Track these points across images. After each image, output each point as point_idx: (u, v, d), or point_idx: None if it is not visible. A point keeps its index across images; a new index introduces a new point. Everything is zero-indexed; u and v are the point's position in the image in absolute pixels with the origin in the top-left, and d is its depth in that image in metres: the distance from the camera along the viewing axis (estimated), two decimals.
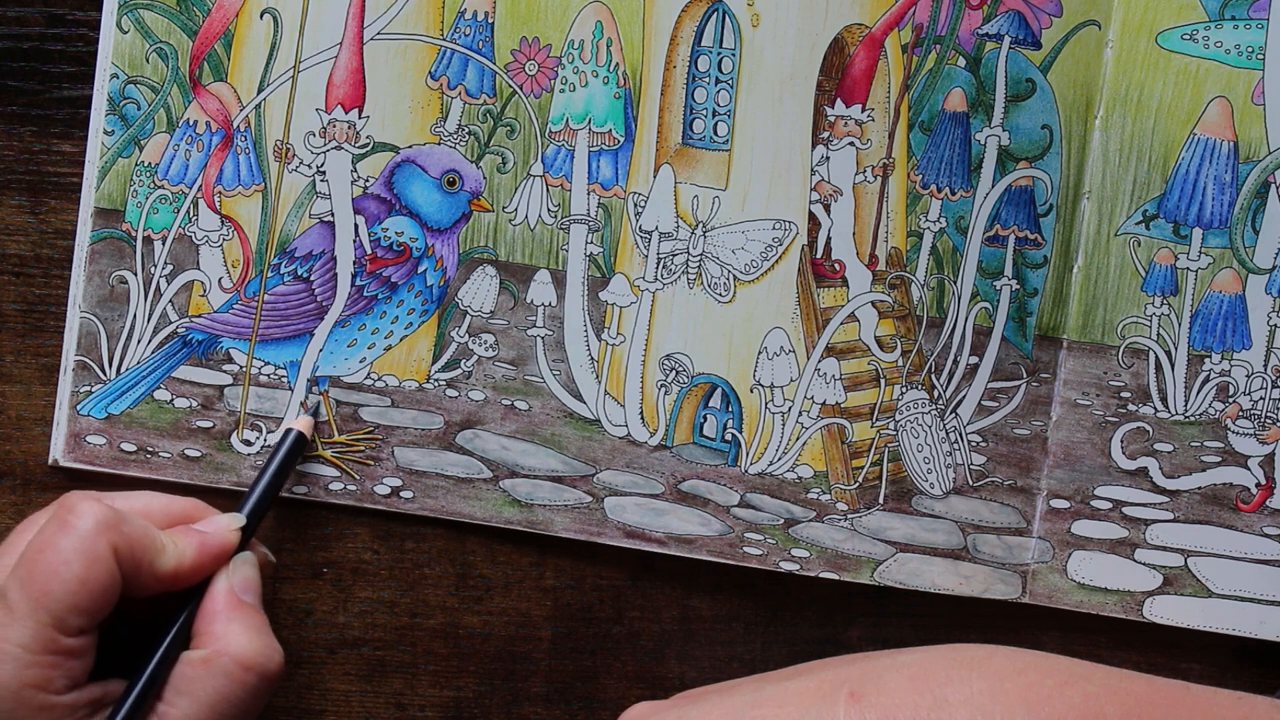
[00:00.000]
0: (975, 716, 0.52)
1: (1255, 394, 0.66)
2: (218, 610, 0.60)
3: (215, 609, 0.60)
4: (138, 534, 0.58)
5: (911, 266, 0.67)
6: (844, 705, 0.53)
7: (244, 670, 0.58)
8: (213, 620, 0.59)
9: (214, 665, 0.58)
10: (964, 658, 0.55)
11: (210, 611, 0.60)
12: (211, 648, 0.59)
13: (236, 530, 0.61)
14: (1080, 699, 0.53)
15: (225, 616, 0.59)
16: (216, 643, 0.59)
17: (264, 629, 0.60)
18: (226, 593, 0.60)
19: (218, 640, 0.59)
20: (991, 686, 0.53)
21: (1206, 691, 0.54)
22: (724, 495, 0.67)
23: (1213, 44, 0.65)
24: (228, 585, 0.60)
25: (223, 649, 0.58)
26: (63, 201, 0.66)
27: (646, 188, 0.66)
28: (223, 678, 0.58)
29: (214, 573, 0.60)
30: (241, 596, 0.60)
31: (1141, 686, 0.54)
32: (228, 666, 0.58)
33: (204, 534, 0.60)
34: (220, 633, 0.59)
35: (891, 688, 0.54)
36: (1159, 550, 0.67)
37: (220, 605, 0.60)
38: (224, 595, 0.60)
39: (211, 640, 0.59)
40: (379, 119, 0.66)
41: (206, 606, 0.60)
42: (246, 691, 0.58)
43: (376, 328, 0.66)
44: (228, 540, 0.61)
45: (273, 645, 0.60)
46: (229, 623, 0.59)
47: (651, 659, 0.68)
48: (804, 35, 0.65)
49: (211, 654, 0.58)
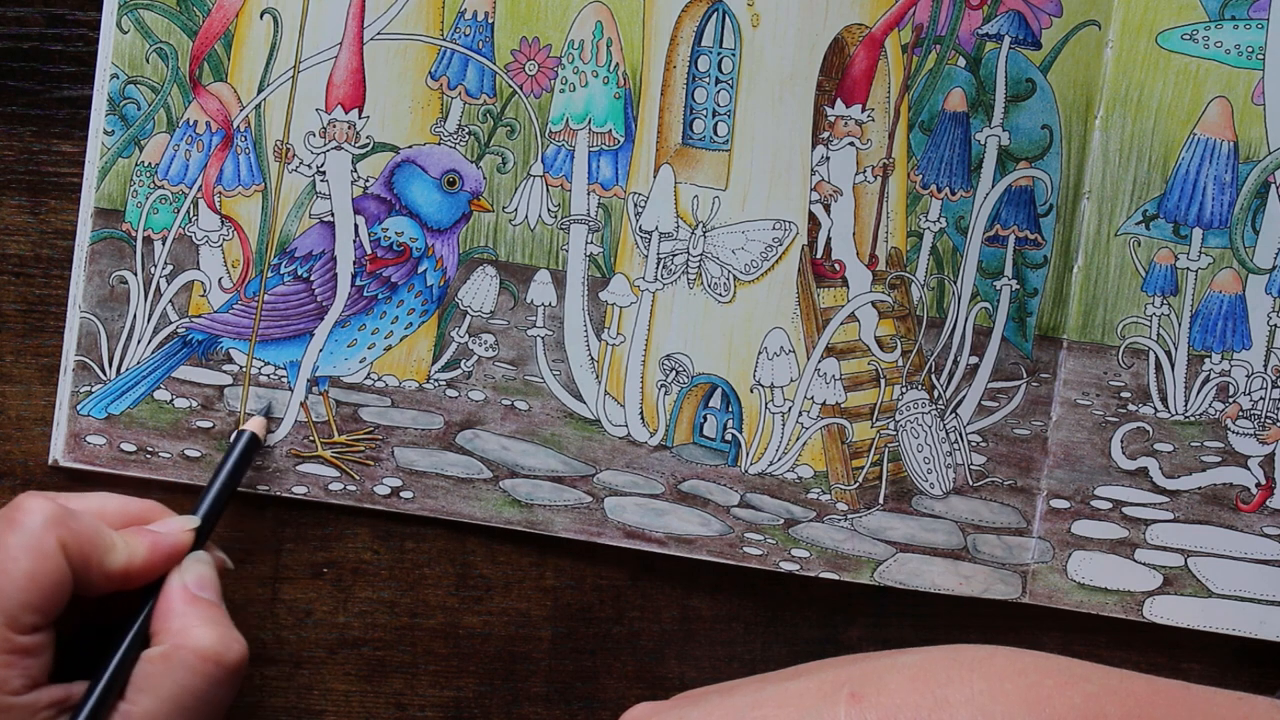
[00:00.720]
0: (976, 716, 0.52)
1: (1255, 394, 0.66)
2: (173, 607, 0.59)
3: (171, 606, 0.59)
4: (87, 531, 0.57)
5: (911, 266, 0.67)
6: (845, 705, 0.53)
7: (203, 661, 0.58)
8: (169, 617, 0.59)
9: (173, 659, 0.58)
10: (965, 658, 0.55)
11: (166, 609, 0.59)
12: (170, 643, 0.58)
13: (190, 531, 0.61)
14: (1081, 699, 0.53)
15: (181, 612, 0.59)
16: (174, 637, 0.58)
17: (222, 621, 0.60)
18: (181, 589, 0.60)
19: (175, 635, 0.58)
20: (992, 687, 0.53)
21: (1207, 692, 0.55)
22: (724, 495, 0.67)
23: (1213, 44, 0.65)
24: (181, 582, 0.60)
25: (181, 642, 0.58)
26: (63, 201, 0.66)
27: (646, 188, 0.66)
28: (183, 670, 0.57)
29: (167, 572, 0.60)
30: (197, 593, 0.60)
31: (1142, 687, 0.54)
32: (187, 659, 0.58)
33: (157, 534, 0.60)
34: (178, 628, 0.59)
35: (892, 688, 0.54)
36: (1159, 550, 0.67)
37: (176, 602, 0.59)
38: (179, 592, 0.60)
39: (169, 636, 0.58)
40: (379, 119, 0.66)
41: (162, 605, 0.59)
42: (208, 683, 0.58)
43: (376, 328, 0.66)
44: (180, 540, 0.60)
45: (232, 635, 0.59)
46: (185, 617, 0.59)
47: (651, 659, 0.68)
48: (804, 35, 0.65)
49: (170, 649, 0.58)
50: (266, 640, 0.67)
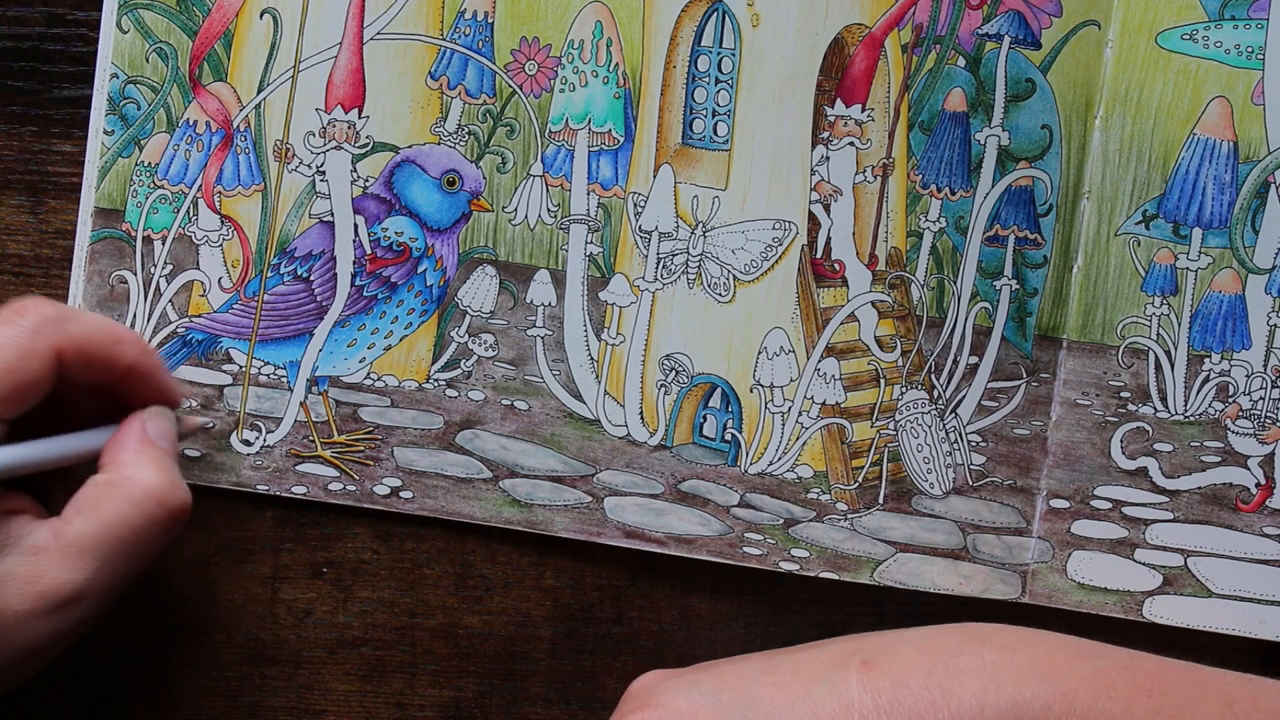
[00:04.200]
0: (987, 685, 0.53)
1: (1255, 394, 0.66)
2: (127, 444, 0.59)
3: (125, 443, 0.59)
4: (93, 327, 0.58)
5: (911, 266, 0.67)
6: (856, 673, 0.54)
7: (146, 496, 0.57)
8: (120, 451, 0.59)
9: (118, 488, 0.57)
10: (975, 632, 0.55)
11: (120, 443, 0.59)
12: (117, 474, 0.58)
13: (178, 394, 0.62)
14: (1091, 672, 0.53)
15: (134, 449, 0.59)
16: (123, 469, 0.58)
17: (172, 469, 0.59)
18: (140, 430, 0.59)
19: (125, 468, 0.58)
20: (1003, 657, 0.54)
21: (1216, 672, 0.55)
22: (724, 495, 0.67)
23: (1212, 44, 0.65)
24: (141, 425, 0.60)
25: (129, 474, 0.58)
26: (63, 201, 0.66)
27: (646, 188, 0.66)
28: (125, 501, 0.57)
29: (139, 401, 0.60)
30: (154, 439, 0.60)
31: (1152, 664, 0.54)
32: (131, 491, 0.57)
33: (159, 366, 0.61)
34: (128, 461, 0.58)
35: (904, 657, 0.54)
36: (1159, 550, 0.67)
37: (130, 440, 0.59)
38: (136, 432, 0.59)
39: (118, 469, 0.58)
40: (379, 119, 0.66)
41: (116, 440, 0.59)
42: (147, 520, 0.57)
43: (376, 328, 0.66)
44: (170, 385, 0.61)
45: (180, 483, 0.59)
46: (137, 455, 0.59)
47: (651, 659, 0.68)
48: (804, 35, 0.65)
49: (117, 478, 0.58)
50: (266, 640, 0.67)
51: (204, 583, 0.67)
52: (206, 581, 0.67)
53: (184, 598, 0.67)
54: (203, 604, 0.67)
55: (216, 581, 0.67)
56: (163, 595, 0.66)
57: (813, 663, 0.55)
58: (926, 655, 0.54)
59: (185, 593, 0.67)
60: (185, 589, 0.67)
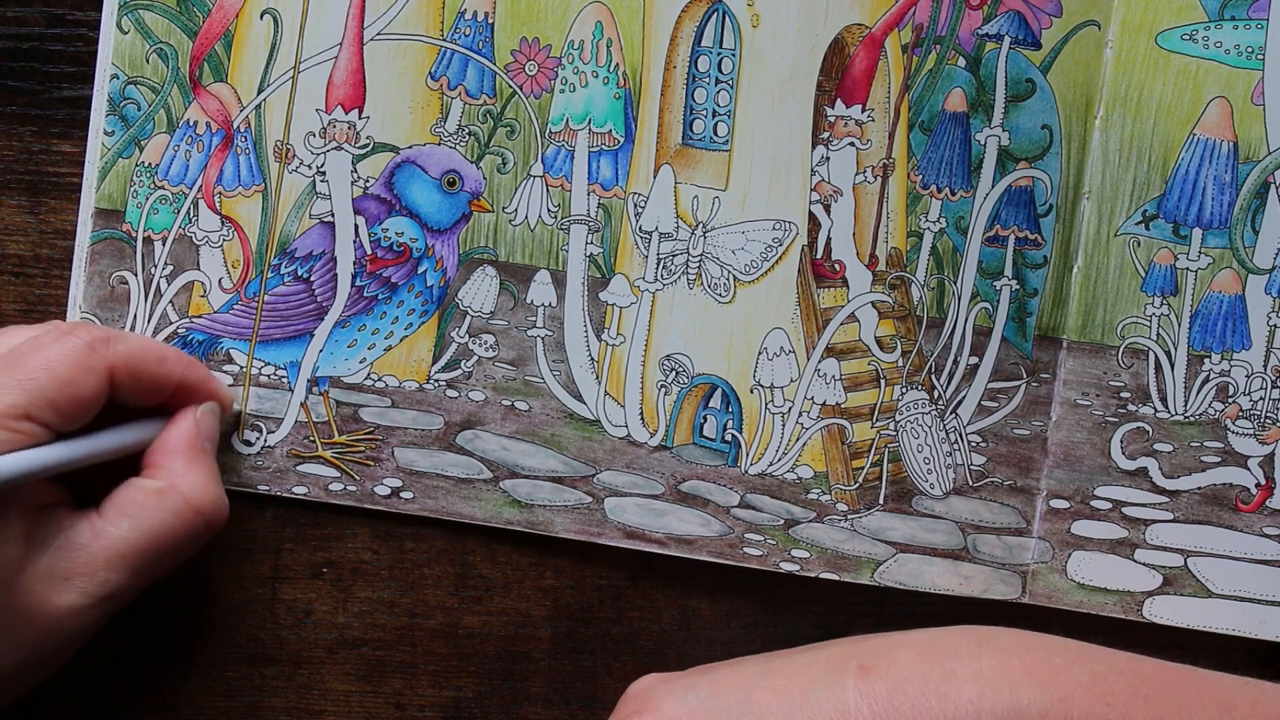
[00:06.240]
0: (984, 690, 0.53)
1: (1255, 394, 0.66)
2: (178, 449, 0.59)
3: (175, 446, 0.59)
4: (134, 348, 0.59)
5: (911, 267, 0.67)
6: (853, 677, 0.54)
7: (193, 511, 0.58)
8: (171, 457, 0.59)
9: (166, 498, 0.58)
10: (973, 635, 0.55)
11: (169, 448, 0.59)
12: (167, 482, 0.58)
13: (225, 392, 0.63)
14: (1088, 676, 0.53)
15: (185, 457, 0.59)
16: (173, 478, 0.58)
17: (217, 479, 0.60)
18: (191, 433, 0.60)
19: (175, 477, 0.59)
20: (1000, 662, 0.54)
21: (1214, 676, 0.55)
22: (724, 496, 0.67)
23: (1212, 44, 0.65)
24: (194, 425, 0.60)
25: (178, 485, 0.58)
26: (63, 201, 0.66)
27: (646, 188, 0.66)
28: (171, 513, 0.58)
29: (183, 405, 0.61)
30: (203, 444, 0.60)
31: (1149, 668, 0.54)
32: (178, 504, 0.58)
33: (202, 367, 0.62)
34: (180, 470, 0.59)
35: (900, 661, 0.54)
36: (1159, 550, 0.67)
37: (182, 444, 0.60)
38: (188, 434, 0.60)
39: (168, 475, 0.59)
40: (379, 119, 0.66)
41: (167, 440, 0.60)
42: (189, 531, 0.58)
43: (376, 328, 0.66)
44: (214, 385, 0.62)
45: (222, 496, 0.60)
46: (189, 463, 0.59)
47: (651, 659, 0.68)
48: (804, 35, 0.65)
49: (166, 487, 0.58)
50: (266, 640, 0.67)
51: (204, 582, 0.67)
52: (206, 581, 0.67)
53: (184, 597, 0.67)
54: (202, 604, 0.67)
55: (216, 581, 0.67)
56: (163, 595, 0.66)
57: (809, 667, 0.55)
58: (923, 660, 0.54)
59: (185, 592, 0.67)
60: (185, 589, 0.67)
